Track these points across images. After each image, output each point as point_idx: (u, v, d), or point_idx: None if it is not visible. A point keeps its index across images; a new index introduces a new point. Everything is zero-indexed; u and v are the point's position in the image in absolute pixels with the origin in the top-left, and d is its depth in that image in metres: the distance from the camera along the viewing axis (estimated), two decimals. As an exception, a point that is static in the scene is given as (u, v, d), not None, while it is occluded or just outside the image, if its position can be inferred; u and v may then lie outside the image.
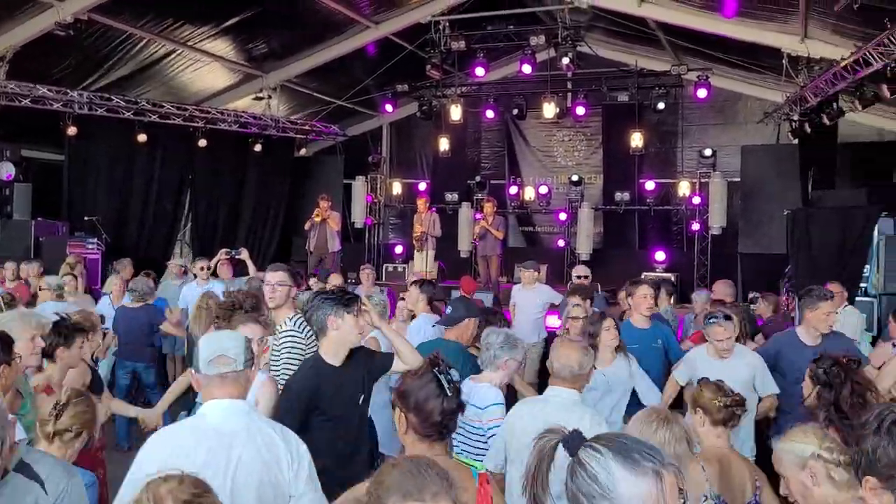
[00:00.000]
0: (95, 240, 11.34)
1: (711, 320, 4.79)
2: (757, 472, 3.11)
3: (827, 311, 4.84)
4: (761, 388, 4.75)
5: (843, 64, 8.48)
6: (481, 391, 3.81)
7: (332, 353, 3.48)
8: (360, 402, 3.51)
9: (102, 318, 5.82)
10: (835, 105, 9.50)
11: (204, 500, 1.85)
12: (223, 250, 8.69)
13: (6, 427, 2.04)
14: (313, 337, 3.78)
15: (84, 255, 10.58)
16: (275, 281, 4.40)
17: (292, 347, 4.07)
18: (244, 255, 8.43)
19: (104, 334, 5.83)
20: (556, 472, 1.53)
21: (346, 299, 3.51)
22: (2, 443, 2.01)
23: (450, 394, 2.38)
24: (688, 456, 2.54)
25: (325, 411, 3.35)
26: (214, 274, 8.76)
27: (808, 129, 10.58)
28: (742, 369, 4.68)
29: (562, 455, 1.51)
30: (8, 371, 2.97)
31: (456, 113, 13.47)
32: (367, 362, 3.63)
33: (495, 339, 3.98)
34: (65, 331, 3.85)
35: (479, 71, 12.17)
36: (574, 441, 1.51)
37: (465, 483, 2.20)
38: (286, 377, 3.80)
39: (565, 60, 11.37)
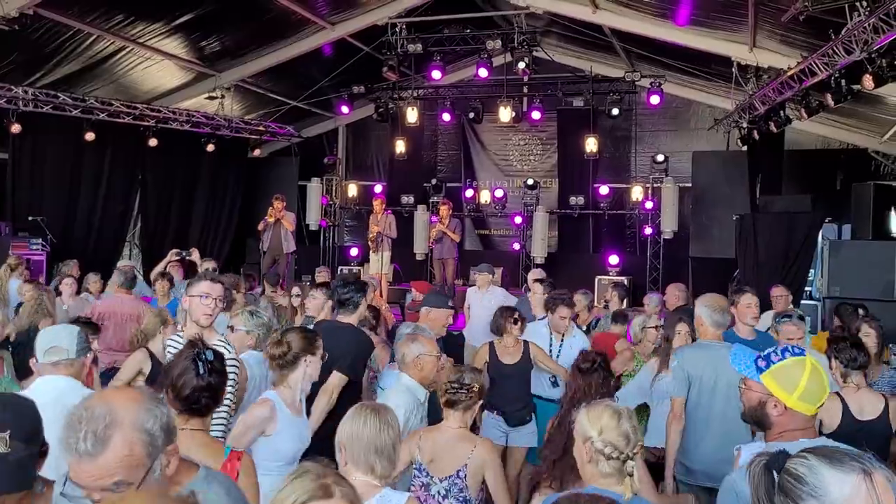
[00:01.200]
0: (40, 240, 11.02)
1: (784, 319, 4.76)
2: None
3: (746, 304, 4.95)
4: None
5: (789, 73, 8.71)
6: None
7: None
8: None
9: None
10: (782, 113, 9.75)
11: None
12: (173, 251, 8.50)
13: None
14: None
15: (28, 257, 10.27)
16: (216, 294, 3.71)
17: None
18: (195, 255, 8.27)
19: None
20: None
21: None
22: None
23: (202, 372, 2.52)
24: None
25: None
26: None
27: (757, 137, 10.83)
28: None
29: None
30: None
31: (412, 115, 13.47)
32: None
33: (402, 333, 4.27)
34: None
35: (436, 74, 12.20)
36: (779, 460, 1.60)
37: (213, 459, 2.37)
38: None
39: (521, 65, 11.46)
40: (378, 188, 15.10)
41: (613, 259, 13.25)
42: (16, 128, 10.98)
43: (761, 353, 2.47)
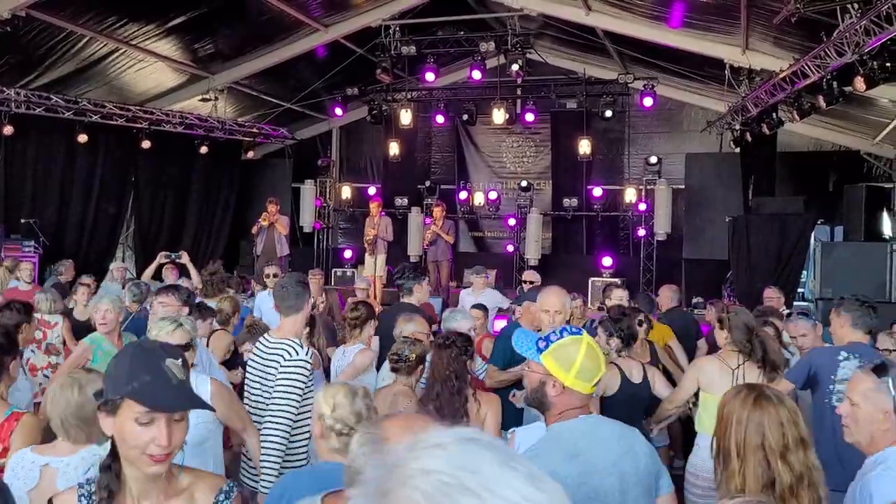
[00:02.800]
0: (33, 242, 10.98)
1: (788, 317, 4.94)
2: None
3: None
4: None
5: (781, 75, 8.75)
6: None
7: None
8: None
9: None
10: (774, 115, 9.78)
11: None
12: (162, 253, 8.48)
13: None
14: None
15: (20, 259, 10.23)
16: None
17: None
18: (185, 258, 8.27)
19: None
20: None
21: None
22: None
23: None
24: None
25: None
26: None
27: (749, 139, 10.87)
28: None
29: None
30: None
31: (406, 118, 13.47)
32: None
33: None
34: None
35: (430, 76, 12.21)
36: None
37: None
38: None
39: (515, 67, 11.48)
40: (372, 190, 15.10)
41: (607, 261, 13.28)
42: (8, 129, 10.94)
43: (542, 335, 2.48)
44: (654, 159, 13.47)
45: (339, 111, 14.36)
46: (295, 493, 2.22)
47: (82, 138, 11.73)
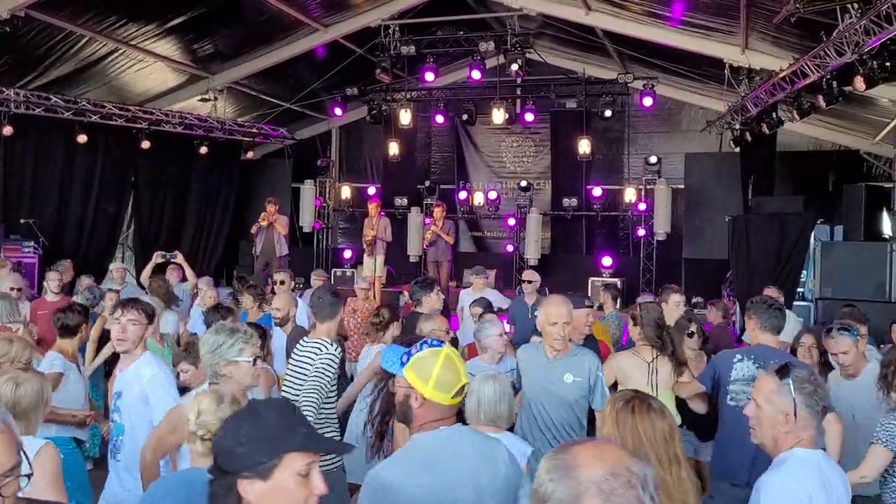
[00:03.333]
0: (32, 243, 10.97)
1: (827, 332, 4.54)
2: None
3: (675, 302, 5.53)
4: None
5: (781, 75, 8.75)
6: None
7: None
8: None
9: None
10: (774, 115, 9.77)
11: None
12: (158, 253, 8.49)
13: None
14: None
15: (20, 259, 10.23)
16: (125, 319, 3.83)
17: None
18: (179, 258, 8.29)
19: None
20: None
21: None
22: None
23: None
24: None
25: None
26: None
27: (749, 138, 10.87)
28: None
29: None
30: None
31: (406, 117, 13.46)
32: None
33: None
34: None
35: (429, 76, 12.20)
36: None
37: None
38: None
39: (514, 67, 11.47)
40: (371, 190, 15.10)
41: (607, 260, 13.28)
42: (7, 130, 10.93)
43: (408, 350, 2.51)
44: (653, 159, 13.48)
45: (338, 111, 14.36)
46: (163, 496, 2.35)
47: (82, 138, 11.73)
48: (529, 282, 8.26)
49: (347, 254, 15.00)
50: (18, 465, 1.57)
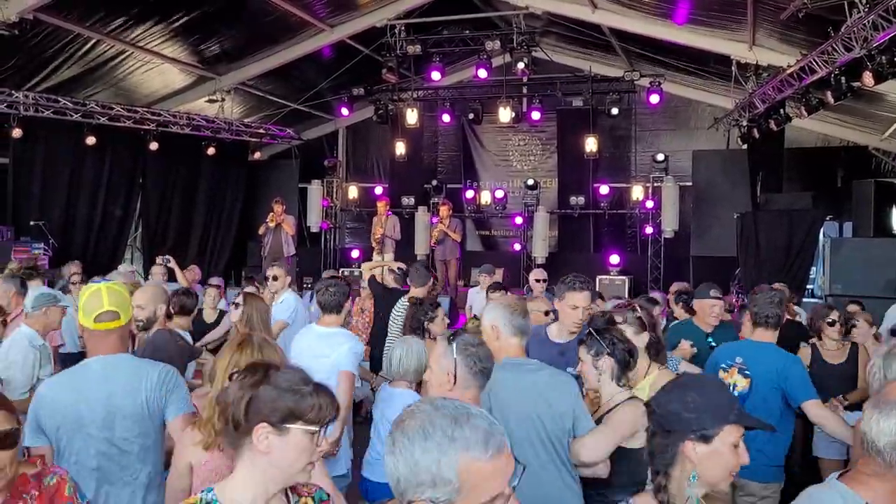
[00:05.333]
0: (42, 245, 11.03)
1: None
2: None
3: (711, 305, 5.14)
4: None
5: (789, 71, 8.72)
6: None
7: None
8: None
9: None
10: (782, 111, 9.75)
11: None
12: (158, 258, 8.61)
13: None
14: None
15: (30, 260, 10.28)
16: None
17: None
18: (172, 263, 8.42)
19: None
20: None
21: None
22: None
23: None
24: None
25: None
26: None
27: (757, 135, 10.83)
28: None
29: None
30: None
31: (412, 117, 13.47)
32: None
33: None
34: None
35: (436, 75, 12.20)
36: None
37: None
38: None
39: (520, 65, 11.46)
40: (379, 190, 15.11)
41: (614, 258, 13.25)
42: (17, 132, 10.99)
43: None
44: (660, 156, 13.43)
45: (345, 111, 14.37)
46: None
47: (90, 140, 11.79)
48: (537, 280, 8.27)
49: (355, 253, 15.01)
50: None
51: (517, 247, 14.57)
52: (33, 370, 4.36)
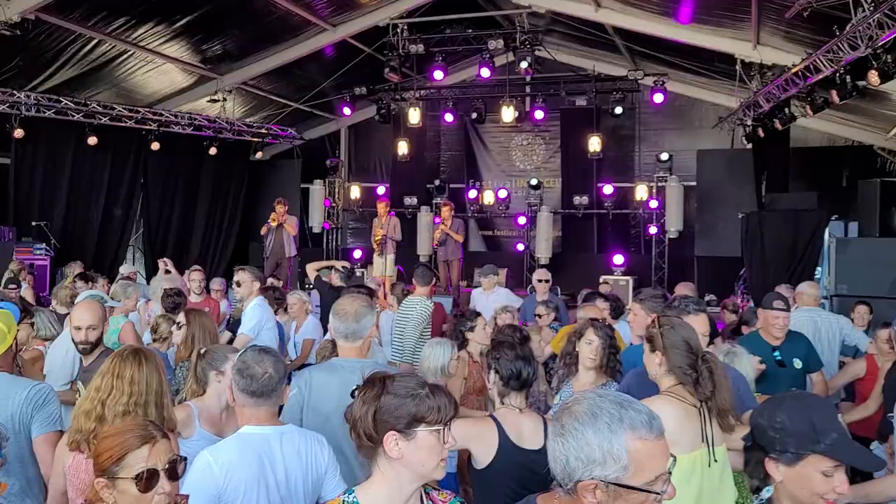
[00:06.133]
0: (44, 245, 11.01)
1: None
2: None
3: (774, 316, 4.70)
4: None
5: (793, 70, 8.66)
6: None
7: None
8: None
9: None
10: (787, 110, 9.69)
11: None
12: (161, 261, 8.61)
13: None
14: None
15: (32, 262, 10.26)
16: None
17: None
18: (169, 265, 8.43)
19: None
20: None
21: None
22: None
23: None
24: None
25: None
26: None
27: (762, 134, 10.77)
28: None
29: None
30: None
31: (415, 116, 13.42)
32: None
33: None
34: None
35: (438, 74, 12.16)
36: None
37: None
38: None
39: (524, 65, 11.41)
40: (381, 190, 15.06)
41: (618, 259, 13.19)
42: (18, 133, 10.98)
43: None
44: (665, 156, 13.36)
45: (347, 111, 14.33)
46: None
47: (92, 141, 11.76)
48: (540, 281, 8.23)
49: (357, 254, 14.96)
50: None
51: (520, 247, 14.51)
52: (73, 366, 4.47)
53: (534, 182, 14.15)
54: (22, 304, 5.10)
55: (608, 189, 13.75)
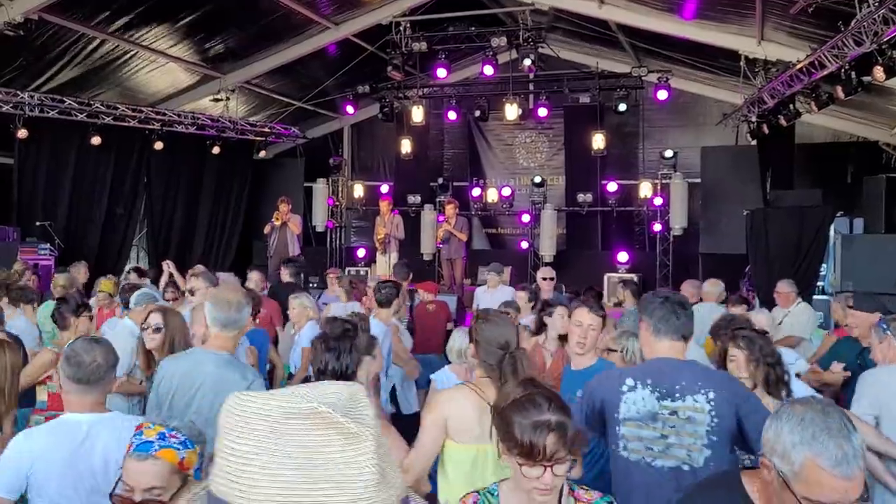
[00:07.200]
0: (48, 245, 11.02)
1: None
2: None
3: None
4: None
5: (798, 66, 8.62)
6: None
7: None
8: None
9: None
10: (791, 106, 9.64)
11: None
12: (164, 263, 8.57)
13: None
14: None
15: (37, 261, 10.27)
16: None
17: None
18: (172, 268, 8.38)
19: None
20: None
21: None
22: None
23: None
24: None
25: None
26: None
27: (766, 131, 10.73)
28: None
29: None
30: None
31: (418, 114, 13.40)
32: None
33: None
34: None
35: (441, 72, 12.12)
36: None
37: None
38: None
39: (527, 62, 11.39)
40: (384, 188, 15.04)
41: (623, 256, 13.15)
42: (22, 133, 11.00)
43: None
44: (669, 153, 13.30)
45: (350, 109, 14.29)
46: None
47: (95, 140, 11.77)
48: (545, 279, 8.21)
49: (361, 252, 14.95)
50: None
51: (524, 245, 14.48)
52: (131, 357, 4.57)
53: (537, 180, 14.11)
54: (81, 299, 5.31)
55: (612, 186, 13.70)
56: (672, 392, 2.74)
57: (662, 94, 12.33)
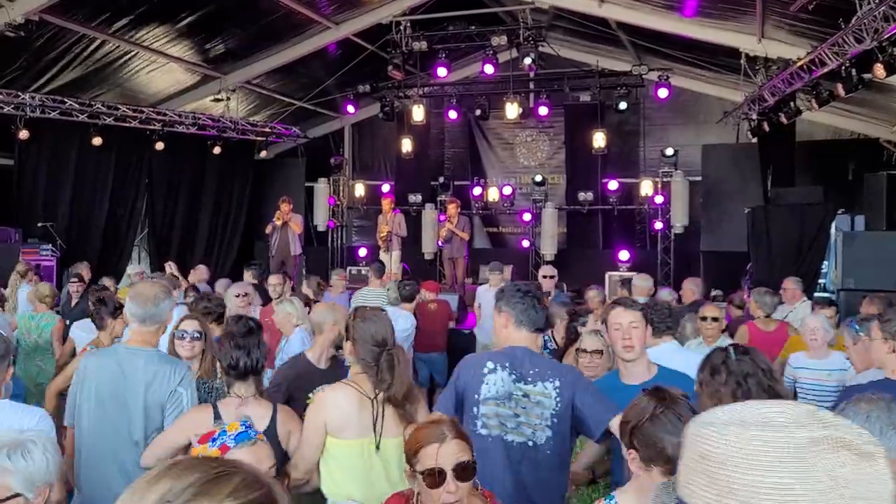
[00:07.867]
0: (50, 246, 11.03)
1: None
2: None
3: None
4: None
5: (799, 64, 8.62)
6: None
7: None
8: None
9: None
10: (792, 104, 9.64)
11: None
12: (166, 265, 8.63)
13: None
14: None
15: (38, 262, 10.28)
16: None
17: None
18: (174, 269, 8.42)
19: None
20: None
21: None
22: None
23: None
24: None
25: None
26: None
27: (767, 128, 10.72)
28: None
29: None
30: None
31: (418, 114, 13.40)
32: None
33: None
34: None
35: (442, 71, 12.13)
36: None
37: None
38: None
39: (527, 61, 11.39)
40: (385, 187, 15.04)
41: (624, 255, 13.15)
42: (23, 134, 11.00)
43: None
44: (670, 151, 13.29)
45: (351, 108, 14.30)
46: None
47: (96, 141, 11.78)
48: (546, 277, 8.22)
49: (362, 252, 14.96)
50: None
51: (525, 244, 14.49)
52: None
53: (538, 178, 14.12)
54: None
55: (613, 185, 13.71)
56: (526, 377, 3.04)
57: (663, 93, 12.33)
